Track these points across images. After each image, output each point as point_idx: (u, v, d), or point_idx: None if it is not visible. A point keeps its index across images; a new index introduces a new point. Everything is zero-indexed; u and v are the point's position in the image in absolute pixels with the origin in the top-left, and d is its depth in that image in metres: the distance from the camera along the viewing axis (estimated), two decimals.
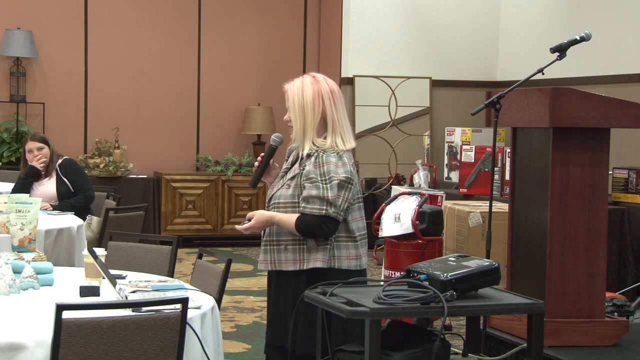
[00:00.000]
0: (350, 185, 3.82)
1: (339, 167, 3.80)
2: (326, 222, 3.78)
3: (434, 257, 5.18)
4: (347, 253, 3.89)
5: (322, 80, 3.92)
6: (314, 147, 3.86)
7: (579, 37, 5.08)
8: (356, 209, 3.92)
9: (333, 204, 3.77)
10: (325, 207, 3.77)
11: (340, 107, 3.90)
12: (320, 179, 3.79)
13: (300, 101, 3.88)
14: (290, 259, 3.89)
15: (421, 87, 10.34)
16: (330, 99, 3.87)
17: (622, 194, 7.19)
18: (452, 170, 9.19)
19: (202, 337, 3.43)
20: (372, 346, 3.43)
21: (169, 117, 10.58)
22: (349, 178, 3.81)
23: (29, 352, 3.05)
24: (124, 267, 4.62)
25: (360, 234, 3.94)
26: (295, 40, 10.92)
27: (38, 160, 6.75)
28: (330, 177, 3.78)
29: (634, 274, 6.93)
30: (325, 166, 3.80)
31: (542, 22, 9.62)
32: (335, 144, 3.86)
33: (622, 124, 5.00)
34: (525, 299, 3.83)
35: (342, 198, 3.79)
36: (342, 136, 3.88)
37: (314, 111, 3.86)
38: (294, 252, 3.89)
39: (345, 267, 3.88)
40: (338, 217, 3.80)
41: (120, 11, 10.35)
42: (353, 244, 3.90)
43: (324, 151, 3.83)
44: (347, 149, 3.89)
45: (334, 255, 3.87)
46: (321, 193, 3.77)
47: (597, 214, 5.02)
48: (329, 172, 3.79)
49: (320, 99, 3.87)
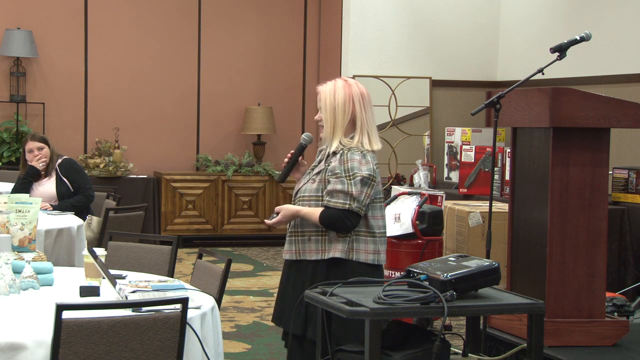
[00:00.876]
0: (373, 183, 4.02)
1: (363, 164, 4.00)
2: (348, 215, 3.98)
3: (434, 257, 5.18)
4: (365, 247, 4.07)
5: (353, 84, 4.13)
6: (340, 145, 4.07)
7: (579, 37, 5.08)
8: (377, 207, 4.12)
9: (356, 198, 3.97)
10: (349, 202, 3.97)
11: (369, 110, 4.14)
12: (344, 174, 3.99)
13: (332, 102, 4.09)
14: (313, 249, 4.07)
15: (421, 87, 10.34)
16: (360, 101, 4.10)
17: (622, 194, 7.18)
18: (452, 170, 9.19)
19: (202, 337, 3.43)
20: (372, 346, 3.43)
21: (169, 117, 10.58)
22: (371, 175, 4.02)
23: (29, 352, 3.05)
24: (124, 267, 4.62)
25: (380, 232, 4.13)
26: (295, 40, 10.92)
27: (38, 160, 6.75)
28: (354, 173, 3.98)
29: (634, 274, 6.93)
30: (349, 163, 4.00)
31: (542, 22, 9.62)
32: (361, 143, 4.08)
33: (622, 124, 5.00)
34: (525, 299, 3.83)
35: (364, 194, 3.99)
36: (369, 137, 4.11)
37: (344, 112, 4.08)
38: (316, 243, 4.06)
39: (362, 259, 4.06)
40: (360, 212, 4.00)
41: (120, 11, 10.35)
42: (372, 239, 4.09)
43: (349, 149, 4.03)
44: (372, 150, 4.12)
45: (353, 247, 4.05)
46: (345, 188, 3.97)
47: (597, 214, 5.02)
48: (353, 169, 3.99)
49: (351, 102, 4.08)
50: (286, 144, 10.72)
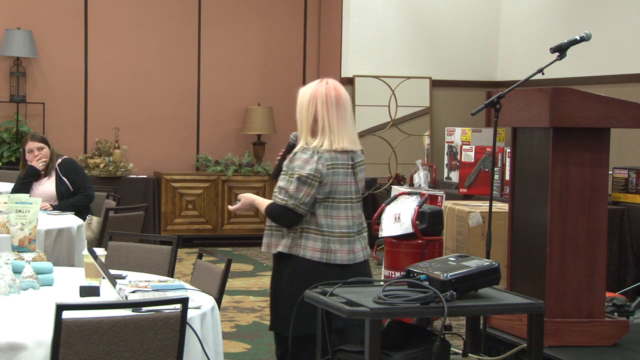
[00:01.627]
0: (314, 182, 4.07)
1: (308, 163, 4.07)
2: (285, 212, 4.09)
3: (434, 257, 5.18)
4: (313, 245, 4.12)
5: (323, 84, 4.17)
6: (304, 145, 4.14)
7: (579, 37, 5.08)
8: (341, 207, 4.17)
9: (293, 196, 4.07)
10: (286, 199, 4.08)
11: (334, 111, 4.14)
12: (289, 172, 4.11)
13: (300, 103, 4.19)
14: (273, 243, 4.21)
15: (421, 87, 10.34)
16: (324, 102, 4.12)
17: (622, 194, 7.19)
18: (452, 170, 9.19)
19: (202, 337, 3.43)
20: (372, 346, 3.43)
21: (169, 117, 10.58)
22: (312, 175, 4.06)
23: (29, 352, 3.05)
24: (124, 267, 4.62)
25: (333, 231, 4.14)
26: (295, 40, 10.92)
27: (38, 160, 6.75)
28: (294, 171, 4.08)
29: (634, 274, 6.93)
30: (296, 162, 4.10)
31: (542, 22, 9.62)
32: (321, 144, 4.12)
33: (622, 124, 5.00)
34: (525, 299, 3.83)
35: (303, 192, 4.07)
36: (331, 138, 4.12)
37: (307, 113, 4.15)
38: (276, 237, 4.20)
39: (309, 256, 4.11)
40: (297, 209, 4.08)
41: (120, 11, 10.35)
42: (321, 237, 4.13)
43: (304, 149, 4.11)
44: (337, 150, 4.13)
45: (300, 244, 4.13)
46: (285, 185, 4.10)
47: (597, 214, 5.02)
48: (295, 168, 4.08)
49: (314, 102, 4.13)
50: (286, 144, 10.70)
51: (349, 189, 4.18)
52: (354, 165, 4.21)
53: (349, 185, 4.18)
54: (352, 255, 4.17)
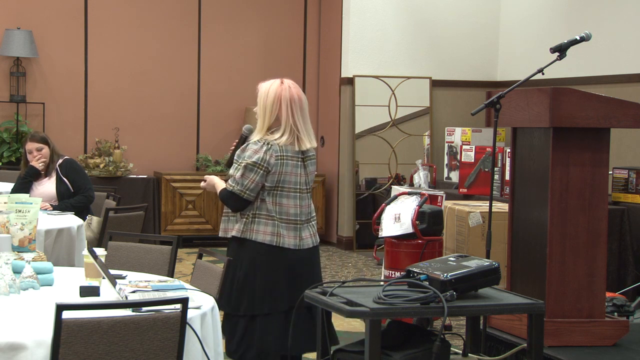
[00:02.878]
0: (260, 170, 4.42)
1: (256, 153, 4.43)
2: (232, 197, 4.46)
3: (434, 257, 5.18)
4: (264, 229, 4.48)
5: (287, 87, 4.55)
6: (262, 138, 4.49)
7: (579, 37, 5.08)
8: (291, 196, 4.52)
9: (239, 182, 4.43)
10: (233, 185, 4.44)
11: (299, 112, 4.51)
12: (239, 160, 4.47)
13: (264, 101, 4.53)
14: (229, 228, 4.55)
15: (421, 87, 10.34)
16: (289, 105, 4.49)
17: (622, 194, 7.19)
18: (452, 170, 9.19)
19: (202, 337, 3.43)
20: (372, 346, 3.44)
21: (169, 117, 10.58)
22: (257, 163, 4.42)
23: (29, 352, 3.05)
24: (124, 267, 4.62)
25: (283, 217, 4.50)
26: (295, 40, 10.92)
27: (38, 161, 6.75)
28: (242, 160, 4.44)
29: (634, 274, 6.93)
30: (246, 151, 4.47)
31: (542, 22, 9.62)
32: (278, 138, 4.48)
33: (622, 124, 5.00)
34: (525, 299, 3.84)
35: (248, 179, 4.43)
36: (293, 136, 4.49)
37: (270, 112, 4.50)
38: (229, 222, 4.55)
39: (260, 240, 4.47)
40: (242, 195, 4.44)
41: (120, 11, 10.35)
42: (272, 222, 4.48)
43: (256, 141, 4.47)
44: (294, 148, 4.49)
45: (252, 229, 4.48)
46: (234, 172, 4.47)
47: (597, 214, 5.02)
48: (244, 157, 4.45)
49: (278, 103, 4.49)
50: None
51: (299, 180, 4.53)
52: (304, 158, 4.56)
53: (298, 177, 4.52)
54: (300, 241, 4.51)
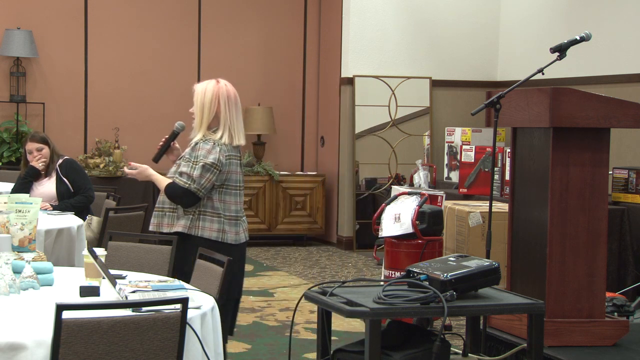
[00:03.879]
0: (216, 170, 4.62)
1: (210, 153, 4.62)
2: (187, 194, 4.61)
3: (434, 257, 5.18)
4: (210, 225, 4.66)
5: (223, 85, 4.75)
6: (203, 137, 4.69)
7: (579, 37, 5.08)
8: (232, 194, 4.72)
9: (196, 181, 4.60)
10: (189, 182, 4.61)
11: (234, 110, 4.73)
12: (192, 160, 4.65)
13: (202, 99, 4.72)
14: (166, 223, 4.73)
15: (421, 87, 10.34)
16: (226, 102, 4.70)
17: (622, 194, 7.18)
18: (452, 170, 9.19)
19: (202, 337, 3.43)
20: (372, 346, 3.44)
21: (169, 117, 10.54)
22: (214, 164, 4.62)
23: (29, 352, 3.04)
24: (124, 267, 4.62)
25: (229, 215, 4.70)
26: (295, 40, 10.92)
27: (38, 161, 6.74)
28: (199, 160, 4.62)
29: (634, 274, 6.93)
30: (199, 151, 4.65)
31: (542, 22, 9.62)
32: (220, 137, 4.67)
33: (622, 124, 5.00)
34: (525, 299, 3.84)
35: (205, 178, 4.61)
36: (231, 133, 4.69)
37: (210, 109, 4.70)
38: (169, 218, 4.72)
39: (207, 236, 4.65)
40: (198, 193, 4.62)
41: (120, 11, 10.35)
42: (217, 219, 4.67)
43: (205, 140, 4.66)
44: (232, 144, 4.71)
45: (198, 225, 4.66)
46: (189, 171, 4.63)
47: (597, 214, 5.02)
48: (199, 156, 4.63)
49: (217, 100, 4.69)
50: (286, 143, 10.73)
51: (238, 178, 4.75)
52: (241, 157, 4.81)
53: (238, 175, 4.75)
54: (238, 236, 4.72)
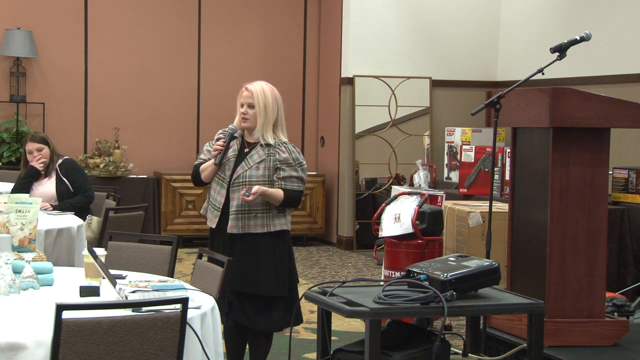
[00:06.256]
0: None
1: (301, 155, 4.97)
2: (301, 196, 4.94)
3: (434, 257, 5.18)
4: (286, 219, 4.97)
5: (274, 88, 5.02)
6: (273, 138, 4.93)
7: (579, 37, 5.08)
8: None
9: (304, 182, 4.94)
10: (301, 185, 4.92)
11: (282, 111, 5.02)
12: (295, 163, 4.90)
13: (264, 101, 4.94)
14: (259, 224, 4.84)
15: (421, 87, 10.34)
16: (280, 104, 5.00)
17: (622, 194, 7.19)
18: (452, 170, 9.19)
19: (202, 337, 3.43)
20: (372, 346, 3.44)
21: (169, 117, 10.58)
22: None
23: (29, 352, 3.05)
24: (124, 267, 4.62)
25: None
26: (295, 40, 10.92)
27: (38, 161, 6.75)
28: (300, 162, 4.93)
29: (634, 274, 6.93)
30: (294, 154, 4.93)
31: (542, 22, 9.62)
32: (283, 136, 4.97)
33: (622, 124, 5.00)
34: (525, 299, 3.84)
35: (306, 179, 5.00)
36: (283, 132, 4.99)
37: (273, 111, 4.94)
38: (262, 219, 4.85)
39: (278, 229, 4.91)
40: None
41: (120, 11, 10.35)
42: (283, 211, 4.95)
43: (285, 143, 4.94)
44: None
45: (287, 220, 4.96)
46: (299, 174, 4.90)
47: (597, 214, 5.02)
48: (299, 159, 4.93)
49: (277, 103, 4.97)
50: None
51: None
52: None
53: None
54: None
